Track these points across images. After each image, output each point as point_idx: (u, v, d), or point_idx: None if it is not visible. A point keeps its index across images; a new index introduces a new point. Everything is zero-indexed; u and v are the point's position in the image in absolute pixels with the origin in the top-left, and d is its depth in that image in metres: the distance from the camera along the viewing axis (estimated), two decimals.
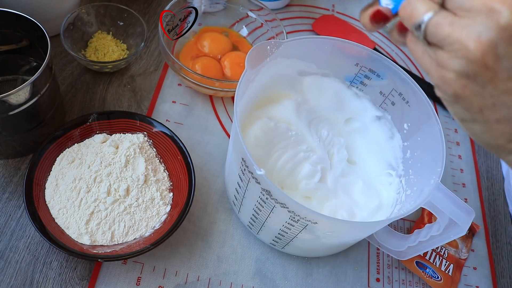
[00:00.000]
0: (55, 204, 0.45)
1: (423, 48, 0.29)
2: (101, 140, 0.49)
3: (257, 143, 0.50)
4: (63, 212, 0.45)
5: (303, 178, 0.50)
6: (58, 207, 0.45)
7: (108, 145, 0.48)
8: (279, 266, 0.53)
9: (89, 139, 0.50)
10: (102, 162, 0.47)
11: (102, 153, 0.48)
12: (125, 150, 0.48)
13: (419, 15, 0.27)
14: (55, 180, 0.47)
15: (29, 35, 0.53)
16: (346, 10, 0.83)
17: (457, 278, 0.56)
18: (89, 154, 0.48)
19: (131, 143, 0.49)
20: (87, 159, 0.48)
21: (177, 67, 0.59)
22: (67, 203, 0.45)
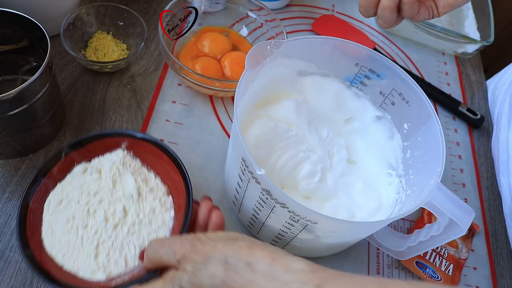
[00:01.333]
0: (58, 252, 0.43)
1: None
2: (82, 171, 0.47)
3: (257, 143, 0.50)
4: (68, 256, 0.42)
5: (303, 178, 0.50)
6: (61, 253, 0.43)
7: (90, 173, 0.46)
8: None
9: (70, 174, 0.47)
10: (89, 192, 0.45)
11: (87, 184, 0.45)
12: (108, 172, 0.46)
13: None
14: (50, 228, 0.44)
15: (29, 35, 0.53)
16: (346, 10, 0.83)
17: (457, 278, 0.56)
18: (74, 190, 0.45)
19: (112, 163, 0.46)
20: (74, 195, 0.45)
21: (177, 67, 0.59)
22: (69, 246, 0.42)
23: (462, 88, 0.78)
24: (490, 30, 0.77)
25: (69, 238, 0.43)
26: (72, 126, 0.58)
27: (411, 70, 0.78)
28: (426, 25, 0.76)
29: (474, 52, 0.80)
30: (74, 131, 0.58)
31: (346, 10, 0.83)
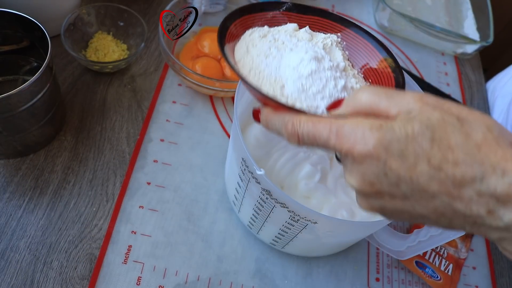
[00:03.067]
0: (245, 64, 0.39)
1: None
2: (294, 28, 0.43)
3: (257, 143, 0.50)
4: (254, 72, 0.38)
5: (303, 178, 0.50)
6: (248, 67, 0.39)
7: (304, 31, 0.42)
8: (279, 265, 0.53)
9: (279, 27, 0.44)
10: (298, 41, 0.41)
11: (297, 37, 0.42)
12: (322, 39, 0.42)
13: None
14: (245, 47, 0.40)
15: (30, 35, 0.53)
16: (346, 10, 0.84)
17: (456, 278, 0.56)
18: (282, 35, 0.41)
19: (327, 36, 0.43)
20: (281, 38, 0.41)
21: (177, 67, 0.59)
22: (260, 65, 0.38)
23: (461, 88, 0.78)
24: (490, 30, 0.77)
25: (262, 61, 0.39)
26: (72, 126, 0.58)
27: (410, 70, 0.78)
28: (425, 25, 0.76)
29: (473, 52, 0.80)
30: (75, 131, 0.58)
31: (346, 10, 0.84)
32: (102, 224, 0.52)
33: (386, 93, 0.29)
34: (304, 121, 0.30)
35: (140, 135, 0.59)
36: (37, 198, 0.52)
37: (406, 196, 0.27)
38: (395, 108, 0.28)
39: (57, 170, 0.55)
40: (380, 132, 0.27)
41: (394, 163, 0.26)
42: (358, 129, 0.27)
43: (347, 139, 0.28)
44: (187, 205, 0.55)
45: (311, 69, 0.36)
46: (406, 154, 0.26)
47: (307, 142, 0.30)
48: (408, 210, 0.28)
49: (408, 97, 0.28)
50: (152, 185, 0.56)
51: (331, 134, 0.29)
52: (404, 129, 0.26)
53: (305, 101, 0.35)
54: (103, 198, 0.54)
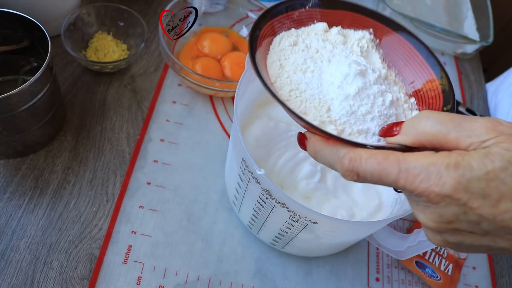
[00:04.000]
0: (283, 85, 0.35)
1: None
2: (323, 29, 0.40)
3: (257, 143, 0.50)
4: (295, 94, 0.35)
5: (303, 178, 0.50)
6: (288, 88, 0.35)
7: (336, 33, 0.39)
8: (279, 265, 0.53)
9: (307, 28, 0.40)
10: (333, 48, 0.37)
11: (329, 41, 0.38)
12: (357, 41, 0.39)
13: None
14: (278, 62, 0.37)
15: (30, 35, 0.53)
16: None
17: (456, 278, 0.56)
18: (313, 40, 0.38)
19: (362, 36, 0.39)
20: (313, 44, 0.38)
21: (177, 67, 0.60)
22: (300, 85, 0.35)
23: (461, 88, 0.78)
24: (490, 30, 0.78)
25: (301, 78, 0.35)
26: (72, 126, 0.58)
27: None
28: (425, 25, 0.76)
29: (473, 52, 0.80)
30: (75, 131, 0.58)
31: None
32: (102, 224, 0.52)
33: (453, 120, 0.27)
34: (366, 158, 0.28)
35: (140, 135, 0.59)
36: (37, 198, 0.52)
37: (487, 233, 0.26)
38: (467, 140, 0.26)
39: (57, 170, 0.55)
40: (458, 171, 0.25)
41: (475, 203, 0.25)
42: (433, 169, 0.25)
43: (420, 179, 0.26)
44: (187, 205, 0.55)
45: (358, 86, 0.33)
46: (488, 192, 0.24)
47: (369, 180, 0.28)
48: (488, 244, 0.27)
49: (479, 125, 0.26)
50: (152, 185, 0.56)
51: (401, 174, 0.26)
52: (484, 165, 0.24)
53: (355, 125, 0.32)
54: (103, 198, 0.54)
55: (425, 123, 0.27)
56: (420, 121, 0.28)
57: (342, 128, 0.32)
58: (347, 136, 0.32)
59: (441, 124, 0.27)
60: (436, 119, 0.27)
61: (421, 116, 0.28)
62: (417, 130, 0.28)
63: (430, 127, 0.27)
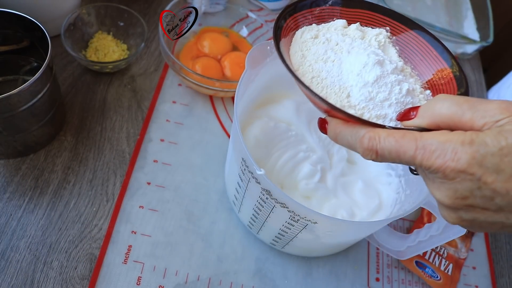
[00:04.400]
0: (305, 72, 0.37)
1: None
2: (343, 25, 0.42)
3: (257, 143, 0.50)
4: (317, 81, 0.36)
5: (303, 178, 0.50)
6: (310, 75, 0.37)
7: (355, 28, 0.41)
8: (279, 265, 0.53)
9: (327, 24, 0.42)
10: (352, 42, 0.39)
11: (348, 35, 0.40)
12: (374, 36, 0.40)
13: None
14: (300, 52, 0.39)
15: (30, 35, 0.53)
16: None
17: (456, 278, 0.56)
18: (333, 35, 0.40)
19: (378, 32, 0.41)
20: (333, 38, 0.39)
21: (177, 67, 0.60)
22: (321, 73, 0.36)
23: None
24: (490, 30, 0.78)
25: (322, 67, 0.37)
26: (72, 126, 0.58)
27: None
28: (425, 25, 0.76)
29: (473, 52, 0.80)
30: (75, 131, 0.58)
31: None
32: (102, 224, 0.52)
33: (467, 102, 0.27)
34: (384, 136, 0.29)
35: (140, 135, 0.59)
36: (37, 198, 0.52)
37: (501, 208, 0.27)
38: (481, 120, 0.27)
39: (57, 170, 0.55)
40: (472, 147, 0.26)
41: (489, 178, 0.26)
42: (449, 145, 0.26)
43: (437, 155, 0.27)
44: (187, 205, 0.55)
45: (376, 74, 0.34)
46: (501, 167, 0.25)
47: (387, 158, 0.29)
48: (501, 221, 0.27)
49: (493, 107, 0.27)
50: (152, 185, 0.56)
51: (418, 150, 0.27)
52: (497, 141, 0.25)
53: (373, 110, 0.33)
54: (103, 198, 0.54)
55: (441, 105, 0.28)
56: (436, 103, 0.29)
57: (361, 113, 0.33)
58: (366, 120, 0.33)
59: (456, 106, 0.27)
60: (451, 101, 0.28)
61: (437, 99, 0.29)
62: (433, 112, 0.29)
63: (446, 109, 0.28)
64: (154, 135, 0.60)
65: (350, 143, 0.31)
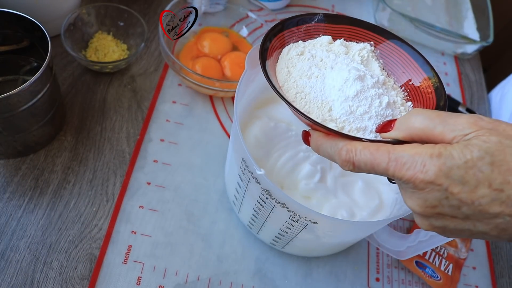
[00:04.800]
0: (289, 88, 0.39)
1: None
2: (328, 41, 0.43)
3: (257, 143, 0.50)
4: (300, 96, 0.38)
5: (303, 178, 0.50)
6: (294, 91, 0.38)
7: (339, 44, 0.43)
8: (279, 265, 0.53)
9: (313, 40, 0.44)
10: (336, 57, 0.41)
11: (333, 51, 0.42)
12: (358, 51, 0.42)
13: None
14: (286, 69, 0.40)
15: (30, 35, 0.53)
16: (346, 10, 0.84)
17: (456, 278, 0.56)
18: (318, 51, 0.41)
19: (362, 47, 0.43)
20: (318, 54, 0.41)
21: (177, 67, 0.60)
22: (305, 88, 0.38)
23: (461, 88, 0.78)
24: (490, 30, 0.78)
25: (306, 83, 0.39)
26: (72, 126, 0.58)
27: None
28: (425, 25, 0.76)
29: (473, 52, 0.80)
30: (75, 131, 0.58)
31: (346, 10, 0.84)
32: (102, 224, 0.52)
33: (439, 116, 0.29)
34: (360, 149, 0.30)
35: (140, 135, 0.59)
36: (37, 198, 0.52)
37: (467, 217, 0.28)
38: (451, 133, 0.28)
39: (57, 170, 0.55)
40: (440, 159, 0.27)
41: (455, 189, 0.27)
42: (418, 158, 0.28)
43: (407, 167, 0.28)
44: (187, 205, 0.55)
45: (357, 89, 0.36)
46: (466, 179, 0.27)
47: (363, 169, 0.31)
48: (469, 228, 0.29)
49: (462, 121, 0.28)
50: (152, 185, 0.56)
51: (390, 162, 0.29)
52: (463, 155, 0.27)
53: (353, 123, 0.35)
54: (103, 198, 0.54)
55: (414, 119, 0.30)
56: (411, 117, 0.31)
57: (342, 125, 0.35)
58: (346, 132, 0.35)
59: (429, 120, 0.29)
60: (424, 116, 0.30)
61: (411, 113, 0.31)
62: (407, 126, 0.31)
63: (419, 123, 0.30)
64: (154, 135, 0.60)
65: (330, 155, 0.33)
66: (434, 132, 0.29)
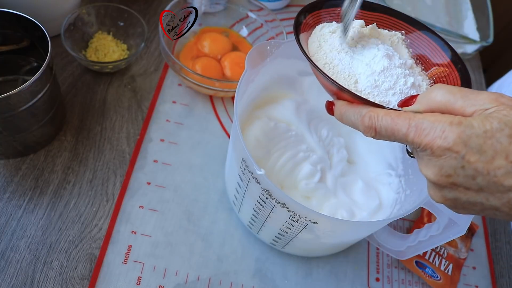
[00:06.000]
0: (319, 59, 0.40)
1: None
2: (360, 25, 0.44)
3: (257, 143, 0.50)
4: (329, 67, 0.39)
5: (303, 178, 0.50)
6: (323, 61, 0.40)
7: (371, 28, 0.44)
8: (279, 265, 0.53)
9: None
10: (368, 39, 0.42)
11: (364, 33, 0.43)
12: (389, 36, 0.44)
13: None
14: (318, 42, 0.42)
15: (30, 35, 0.53)
16: None
17: (456, 278, 0.56)
18: (350, 32, 0.42)
19: (392, 34, 0.44)
20: (349, 34, 0.42)
21: (177, 67, 0.60)
22: (334, 60, 0.39)
23: None
24: (490, 30, 0.77)
25: (335, 56, 0.40)
26: (72, 126, 0.58)
27: None
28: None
29: (473, 52, 0.80)
30: (75, 131, 0.58)
31: None
32: (102, 224, 0.52)
33: (461, 92, 0.30)
34: (382, 115, 0.31)
35: (140, 135, 0.59)
36: (37, 198, 0.52)
37: (481, 189, 0.28)
38: (471, 108, 0.29)
39: (57, 170, 0.55)
40: (459, 127, 0.28)
41: (472, 157, 0.27)
42: (438, 124, 0.28)
43: (426, 133, 0.29)
44: (187, 205, 0.55)
45: (384, 65, 0.37)
46: (484, 149, 0.27)
47: (384, 135, 0.31)
48: (482, 202, 0.29)
49: (483, 97, 0.29)
50: (152, 185, 0.56)
51: (410, 128, 0.29)
52: (483, 125, 0.27)
53: (377, 96, 0.36)
54: (103, 198, 0.54)
55: (436, 93, 0.30)
56: (433, 91, 0.31)
57: (366, 97, 0.36)
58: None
59: (450, 94, 0.30)
60: (446, 90, 0.30)
61: (434, 87, 0.31)
62: (429, 99, 0.31)
63: (440, 96, 0.30)
64: (154, 135, 0.60)
65: (353, 122, 0.33)
66: (455, 106, 0.29)
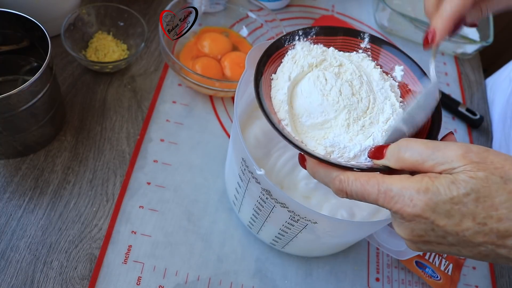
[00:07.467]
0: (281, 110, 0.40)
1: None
2: (321, 50, 0.43)
3: (257, 143, 0.50)
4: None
5: (303, 177, 0.50)
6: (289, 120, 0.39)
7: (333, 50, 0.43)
8: (279, 265, 0.53)
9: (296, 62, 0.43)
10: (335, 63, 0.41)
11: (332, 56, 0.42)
12: (355, 56, 0.44)
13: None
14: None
15: (30, 35, 0.53)
16: (346, 10, 0.84)
17: (456, 278, 0.56)
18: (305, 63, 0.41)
19: (358, 55, 0.44)
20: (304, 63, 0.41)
21: (177, 67, 0.60)
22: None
23: (461, 88, 0.78)
24: (489, 30, 0.78)
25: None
26: (72, 126, 0.58)
27: None
28: (425, 25, 0.76)
29: (473, 52, 0.80)
30: (75, 131, 0.58)
31: (346, 11, 0.84)
32: (102, 224, 0.52)
33: (428, 149, 0.30)
34: (352, 179, 0.32)
35: (140, 135, 0.59)
36: (37, 198, 0.52)
37: (452, 244, 0.30)
38: (440, 167, 0.29)
39: (57, 170, 0.55)
40: (427, 194, 0.29)
41: (441, 222, 0.29)
42: (406, 192, 0.29)
43: (395, 200, 0.30)
44: (187, 205, 0.55)
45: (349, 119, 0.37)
46: (452, 213, 0.28)
47: (355, 198, 0.33)
48: (455, 253, 0.31)
49: (452, 154, 0.29)
50: (152, 185, 0.56)
51: (380, 194, 0.31)
52: (450, 191, 0.28)
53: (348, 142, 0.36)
54: (103, 198, 0.54)
55: (404, 152, 0.32)
56: (400, 149, 0.32)
57: (334, 160, 0.36)
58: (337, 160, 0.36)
59: (418, 154, 0.31)
60: (413, 149, 0.31)
61: (402, 145, 0.32)
62: (398, 157, 0.32)
63: (408, 156, 0.31)
64: (154, 135, 0.60)
65: (325, 182, 0.35)
66: (424, 166, 0.30)
